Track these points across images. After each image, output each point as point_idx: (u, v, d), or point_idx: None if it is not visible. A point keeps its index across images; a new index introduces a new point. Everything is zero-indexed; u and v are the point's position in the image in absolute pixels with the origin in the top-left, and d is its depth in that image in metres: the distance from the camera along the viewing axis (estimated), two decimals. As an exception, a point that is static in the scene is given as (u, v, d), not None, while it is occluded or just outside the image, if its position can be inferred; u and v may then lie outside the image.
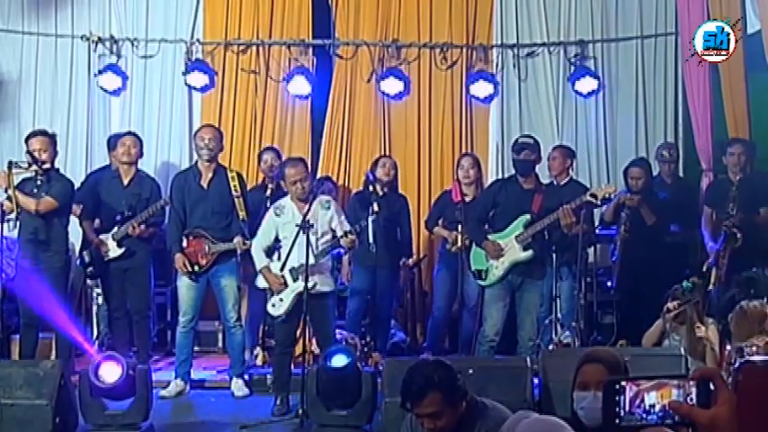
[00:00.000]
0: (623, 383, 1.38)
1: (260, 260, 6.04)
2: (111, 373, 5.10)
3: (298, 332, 6.13)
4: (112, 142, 7.30)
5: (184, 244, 6.45)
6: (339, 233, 5.89)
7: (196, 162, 6.66)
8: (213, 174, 6.49)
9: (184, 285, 6.49)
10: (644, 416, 1.37)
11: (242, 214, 6.41)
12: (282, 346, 6.04)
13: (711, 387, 1.35)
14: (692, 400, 1.35)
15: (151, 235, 6.75)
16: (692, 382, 1.35)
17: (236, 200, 6.42)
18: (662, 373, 1.41)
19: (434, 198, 7.92)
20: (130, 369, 5.18)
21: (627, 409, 1.38)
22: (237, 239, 6.34)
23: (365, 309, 7.07)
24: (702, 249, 6.99)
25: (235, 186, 6.45)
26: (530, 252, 6.10)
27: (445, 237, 7.10)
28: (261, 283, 6.10)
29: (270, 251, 6.07)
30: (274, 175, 7.04)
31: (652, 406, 1.37)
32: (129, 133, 7.04)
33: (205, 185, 6.47)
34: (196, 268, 6.41)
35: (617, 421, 1.38)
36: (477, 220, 6.39)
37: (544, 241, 6.21)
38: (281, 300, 5.91)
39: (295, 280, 5.85)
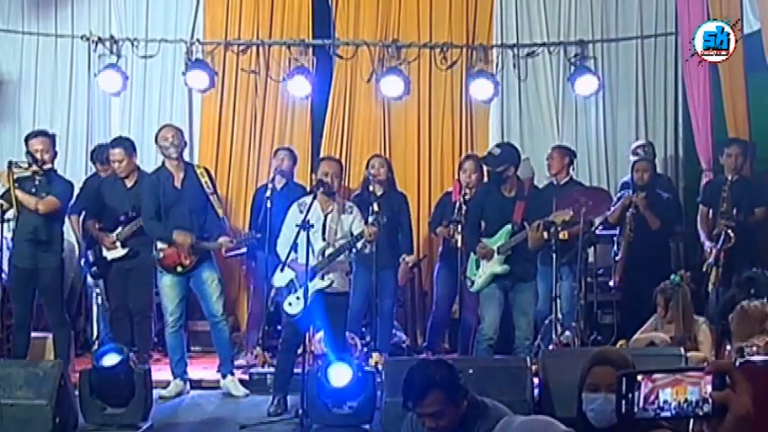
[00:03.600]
0: (639, 378, 1.38)
1: (284, 256, 5.90)
2: (111, 359, 5.17)
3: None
4: (99, 154, 7.28)
5: (165, 246, 6.31)
6: (356, 232, 5.85)
7: (163, 163, 6.51)
8: (184, 173, 6.43)
9: (167, 285, 6.40)
10: (657, 412, 1.37)
11: (220, 212, 6.43)
12: (288, 345, 6.00)
13: (727, 380, 1.35)
14: (706, 394, 1.35)
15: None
16: (707, 378, 1.35)
17: (210, 197, 6.40)
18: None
19: (434, 198, 7.95)
20: (131, 361, 5.26)
21: (641, 405, 1.38)
22: (223, 239, 6.32)
23: (366, 309, 7.06)
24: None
25: (206, 183, 6.43)
26: (506, 266, 6.13)
27: (446, 236, 7.11)
28: (278, 282, 6.01)
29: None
30: (282, 173, 7.15)
31: (666, 402, 1.37)
32: (114, 143, 6.82)
33: (179, 186, 6.40)
34: (179, 269, 6.30)
35: (631, 415, 1.38)
36: (471, 226, 6.41)
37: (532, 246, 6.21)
38: (298, 298, 5.82)
39: (312, 279, 5.82)
